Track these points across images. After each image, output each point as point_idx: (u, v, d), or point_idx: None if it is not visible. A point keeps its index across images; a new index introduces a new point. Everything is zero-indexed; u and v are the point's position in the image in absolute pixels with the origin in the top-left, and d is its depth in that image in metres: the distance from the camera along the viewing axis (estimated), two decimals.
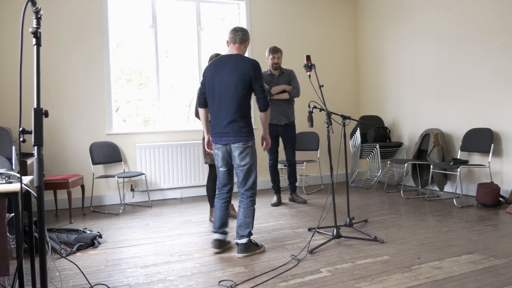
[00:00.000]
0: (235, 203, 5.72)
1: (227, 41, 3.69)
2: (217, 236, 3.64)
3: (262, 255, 3.50)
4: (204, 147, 4.62)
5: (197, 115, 4.73)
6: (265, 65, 6.65)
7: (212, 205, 4.81)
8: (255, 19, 6.89)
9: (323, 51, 7.44)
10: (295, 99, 5.64)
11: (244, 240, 3.52)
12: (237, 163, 3.55)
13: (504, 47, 5.19)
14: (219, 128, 3.55)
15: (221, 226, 3.66)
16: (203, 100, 3.72)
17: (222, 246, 3.65)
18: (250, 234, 3.56)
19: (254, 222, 4.62)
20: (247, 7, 6.82)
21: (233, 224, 4.34)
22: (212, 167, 4.76)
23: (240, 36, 3.62)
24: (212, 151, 3.84)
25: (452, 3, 5.84)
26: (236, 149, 3.52)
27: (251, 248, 3.54)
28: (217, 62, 3.59)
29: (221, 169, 3.67)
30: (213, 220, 3.71)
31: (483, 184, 5.07)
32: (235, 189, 5.71)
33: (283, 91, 5.44)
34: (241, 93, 3.49)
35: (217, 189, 3.75)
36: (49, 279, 3.03)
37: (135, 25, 6.35)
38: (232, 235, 3.89)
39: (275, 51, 5.45)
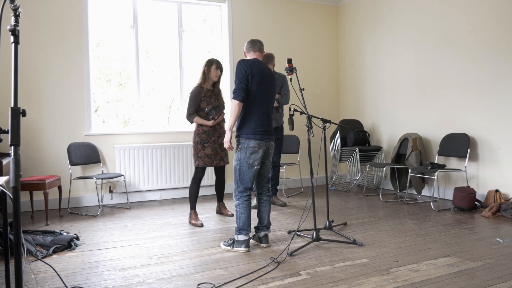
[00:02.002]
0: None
1: (244, 52, 3.93)
2: (250, 235, 3.78)
3: (242, 257, 3.50)
4: (201, 149, 4.71)
5: (189, 117, 4.80)
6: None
7: (193, 208, 4.80)
8: (237, 22, 6.89)
9: (305, 55, 7.49)
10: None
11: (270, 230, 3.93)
12: (270, 160, 3.87)
13: (480, 55, 5.30)
14: (266, 127, 3.73)
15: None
16: (245, 94, 3.66)
17: None
18: None
19: (235, 225, 4.62)
20: (229, 9, 6.82)
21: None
22: (199, 170, 4.75)
23: (259, 46, 3.87)
24: (232, 149, 3.80)
25: (431, 12, 5.95)
26: (272, 147, 3.84)
27: None
28: (260, 65, 3.75)
29: (257, 167, 3.70)
30: (245, 222, 3.68)
31: (460, 188, 5.16)
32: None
33: None
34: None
35: (244, 190, 3.71)
36: (24, 282, 2.97)
37: (115, 25, 6.29)
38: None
39: (266, 63, 5.21)
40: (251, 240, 3.91)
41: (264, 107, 3.71)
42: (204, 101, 4.74)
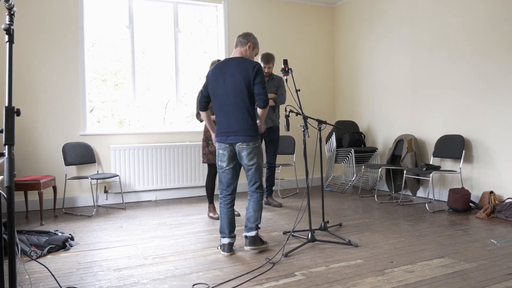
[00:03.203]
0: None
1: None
2: (229, 240, 3.60)
3: (237, 258, 3.49)
4: (206, 147, 4.96)
5: (197, 117, 5.00)
6: None
7: (210, 202, 5.09)
8: (233, 23, 6.89)
9: (301, 56, 7.49)
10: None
11: (252, 233, 3.62)
12: (246, 163, 3.61)
13: (475, 57, 5.32)
14: (225, 128, 3.59)
15: (232, 231, 3.66)
16: (204, 104, 3.76)
17: (232, 249, 3.63)
18: (257, 227, 3.66)
19: None
20: (225, 10, 6.82)
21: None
22: (211, 166, 4.98)
23: (240, 39, 3.72)
24: None
25: (426, 14, 5.97)
26: (244, 149, 3.57)
27: (258, 242, 3.65)
28: (221, 65, 3.66)
29: (226, 169, 3.64)
30: (222, 225, 3.65)
31: (454, 190, 5.18)
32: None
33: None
34: (246, 93, 3.56)
35: (221, 191, 3.71)
36: (19, 282, 2.95)
37: (111, 25, 6.27)
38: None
39: (266, 61, 5.40)
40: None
41: (222, 107, 3.60)
42: None
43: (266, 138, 5.60)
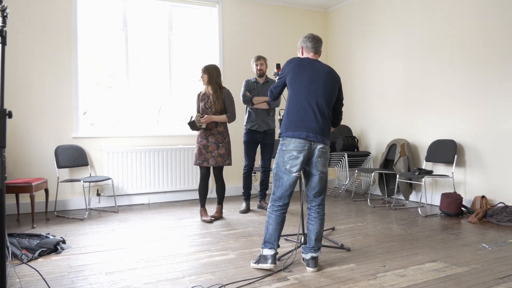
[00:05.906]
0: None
1: (302, 47, 3.53)
2: (275, 251, 3.28)
3: (230, 262, 3.49)
4: (198, 149, 5.00)
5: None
6: (233, 72, 6.70)
7: (202, 205, 5.11)
8: (227, 26, 6.90)
9: None
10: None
11: (319, 253, 3.32)
12: (320, 169, 3.22)
13: (467, 63, 5.36)
14: (309, 123, 3.17)
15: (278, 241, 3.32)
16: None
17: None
18: None
19: (223, 229, 4.61)
20: (220, 13, 6.82)
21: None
22: (202, 169, 5.04)
23: (319, 45, 3.52)
24: None
25: (419, 20, 6.01)
26: (323, 154, 3.20)
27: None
28: (308, 60, 3.38)
29: (295, 174, 3.18)
30: (271, 235, 3.26)
31: (447, 194, 5.20)
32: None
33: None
34: (331, 100, 3.30)
35: (279, 200, 3.28)
36: (9, 286, 2.93)
37: (105, 27, 6.25)
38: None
39: (257, 58, 5.59)
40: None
41: (308, 100, 3.23)
42: (201, 104, 5.10)
43: (261, 142, 5.61)
